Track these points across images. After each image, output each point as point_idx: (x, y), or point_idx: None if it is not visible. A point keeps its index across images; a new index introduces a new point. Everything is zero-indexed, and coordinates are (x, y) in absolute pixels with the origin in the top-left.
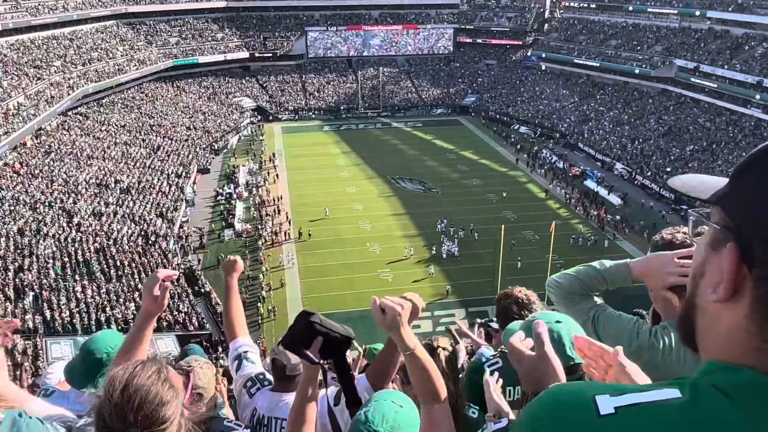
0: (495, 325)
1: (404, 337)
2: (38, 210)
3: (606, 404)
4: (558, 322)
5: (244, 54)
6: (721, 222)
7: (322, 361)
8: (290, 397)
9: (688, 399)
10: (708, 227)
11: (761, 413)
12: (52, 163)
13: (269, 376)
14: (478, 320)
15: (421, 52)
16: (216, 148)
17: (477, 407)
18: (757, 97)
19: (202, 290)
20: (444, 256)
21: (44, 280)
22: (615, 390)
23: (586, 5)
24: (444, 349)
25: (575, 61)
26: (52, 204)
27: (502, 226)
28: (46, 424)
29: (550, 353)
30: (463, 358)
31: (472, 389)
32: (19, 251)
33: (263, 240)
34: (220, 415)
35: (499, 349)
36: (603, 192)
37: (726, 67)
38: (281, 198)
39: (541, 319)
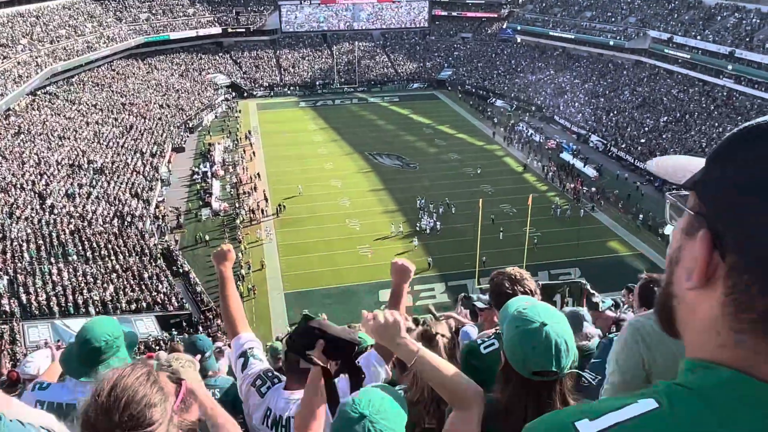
0: (481, 304)
1: (407, 343)
2: (10, 192)
3: (587, 430)
4: (544, 324)
5: (217, 29)
6: (695, 207)
7: (328, 363)
8: (299, 393)
9: (665, 409)
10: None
11: (736, 416)
12: (22, 144)
13: (277, 373)
14: (461, 295)
15: (396, 26)
16: (190, 126)
17: None
18: (729, 67)
19: (181, 270)
20: (428, 231)
21: (19, 264)
22: (591, 412)
23: None
24: (443, 336)
25: (550, 33)
26: (24, 186)
27: (480, 200)
28: (28, 427)
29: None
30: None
31: (470, 372)
32: None
33: (241, 218)
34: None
35: (494, 329)
36: (579, 164)
37: (699, 37)
38: (258, 175)
39: (520, 308)
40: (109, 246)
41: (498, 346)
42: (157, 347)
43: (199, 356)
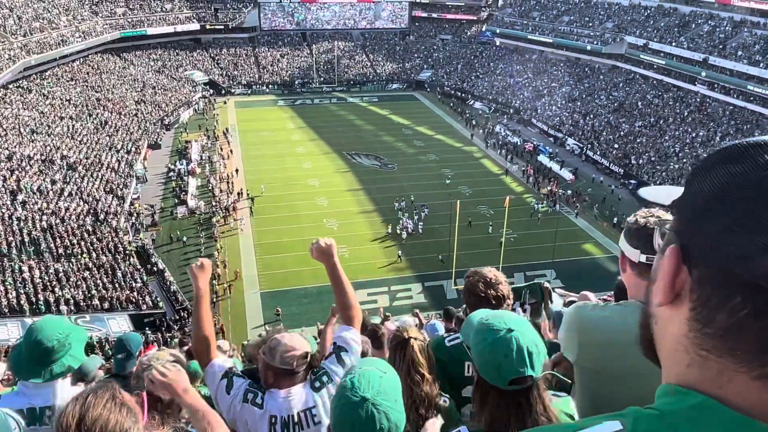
0: (462, 315)
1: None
2: None
3: None
4: (510, 330)
5: (195, 26)
6: (673, 226)
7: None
8: (296, 389)
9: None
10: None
11: None
12: None
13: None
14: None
15: (375, 26)
16: (167, 122)
17: (447, 395)
18: (703, 74)
19: (155, 268)
20: (406, 233)
21: None
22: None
23: None
24: (416, 339)
25: (529, 37)
26: None
27: (457, 201)
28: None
29: None
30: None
31: (437, 367)
32: None
33: (217, 217)
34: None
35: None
36: (555, 167)
37: (674, 44)
38: (237, 172)
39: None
40: (82, 243)
41: (462, 341)
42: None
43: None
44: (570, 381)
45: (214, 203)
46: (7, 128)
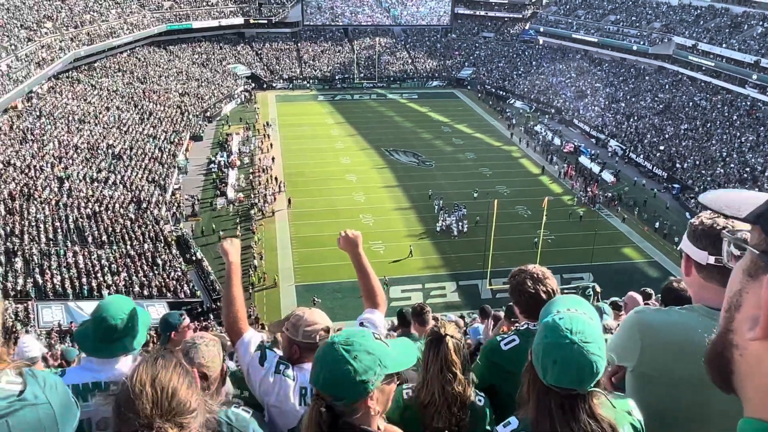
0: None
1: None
2: (29, 174)
3: None
4: (573, 342)
5: (239, 20)
6: (760, 245)
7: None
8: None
9: None
10: (746, 251)
11: None
12: (43, 126)
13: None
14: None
15: (418, 23)
16: (209, 115)
17: (483, 394)
18: (754, 77)
19: (194, 258)
20: (455, 232)
21: (35, 245)
22: None
23: None
24: (452, 337)
25: (573, 36)
26: (44, 168)
27: (495, 201)
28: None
29: None
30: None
31: (491, 370)
32: (10, 215)
33: (256, 210)
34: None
35: (515, 326)
36: (596, 169)
37: (724, 45)
38: (274, 160)
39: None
40: (125, 231)
41: (519, 342)
42: None
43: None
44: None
45: (253, 195)
46: (56, 117)
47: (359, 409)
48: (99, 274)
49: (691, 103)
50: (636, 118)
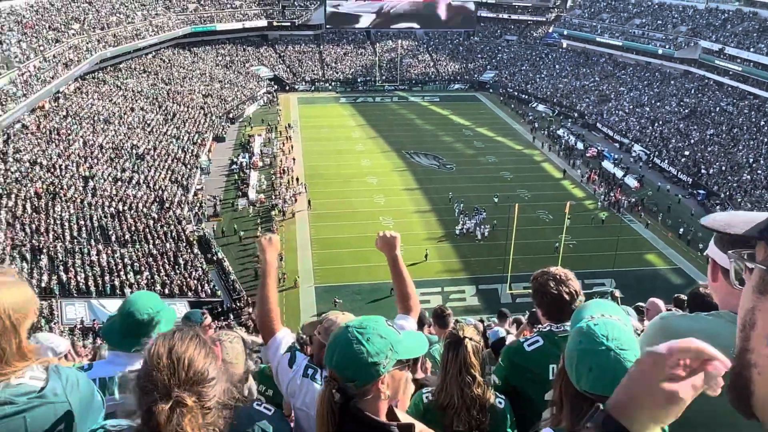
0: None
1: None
2: (55, 173)
3: None
4: (609, 349)
5: (262, 22)
6: (767, 261)
7: None
8: None
9: None
10: (752, 268)
11: None
12: (69, 126)
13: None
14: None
15: (440, 26)
16: (232, 116)
17: (503, 397)
18: None
19: (215, 258)
20: (479, 237)
21: (60, 243)
22: None
23: None
24: (471, 339)
25: (597, 39)
26: (69, 167)
27: (516, 205)
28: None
29: None
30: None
31: (514, 372)
32: (36, 213)
33: (277, 211)
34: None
35: (537, 328)
36: (619, 173)
37: (752, 50)
38: (295, 161)
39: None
40: (147, 230)
41: (543, 343)
42: None
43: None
44: None
45: (274, 197)
46: (82, 117)
47: (370, 392)
48: (122, 273)
49: (717, 108)
50: (661, 122)
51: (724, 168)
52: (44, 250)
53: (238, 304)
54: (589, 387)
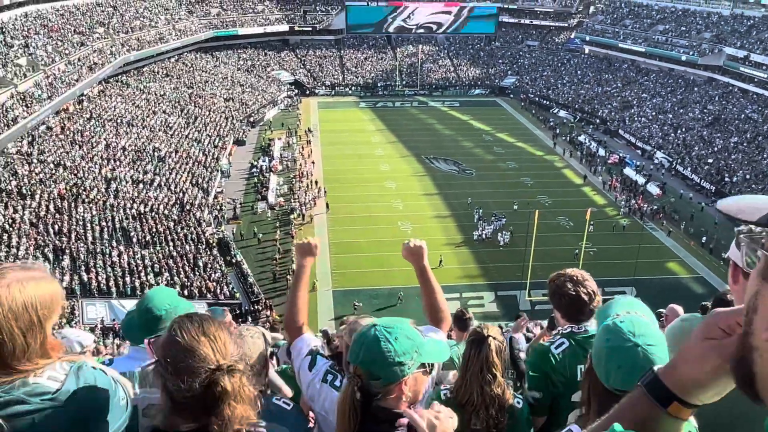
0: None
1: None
2: (78, 174)
3: None
4: (637, 345)
5: (284, 27)
6: None
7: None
8: None
9: None
10: (761, 254)
11: None
12: (92, 129)
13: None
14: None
15: (461, 31)
16: (252, 120)
17: (521, 397)
18: None
19: (234, 260)
20: (501, 243)
21: (82, 244)
22: None
23: None
24: (494, 338)
25: (620, 45)
26: (92, 169)
27: (536, 211)
28: (108, 375)
29: None
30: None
31: (548, 381)
32: (59, 214)
33: (296, 215)
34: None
35: (558, 330)
36: (641, 180)
37: None
38: (314, 165)
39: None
40: (168, 232)
41: (568, 344)
42: None
43: None
44: None
45: (293, 200)
46: (105, 120)
47: (392, 391)
48: (142, 274)
49: (742, 116)
50: (684, 129)
51: (748, 176)
52: (66, 251)
53: (257, 307)
54: (618, 384)
